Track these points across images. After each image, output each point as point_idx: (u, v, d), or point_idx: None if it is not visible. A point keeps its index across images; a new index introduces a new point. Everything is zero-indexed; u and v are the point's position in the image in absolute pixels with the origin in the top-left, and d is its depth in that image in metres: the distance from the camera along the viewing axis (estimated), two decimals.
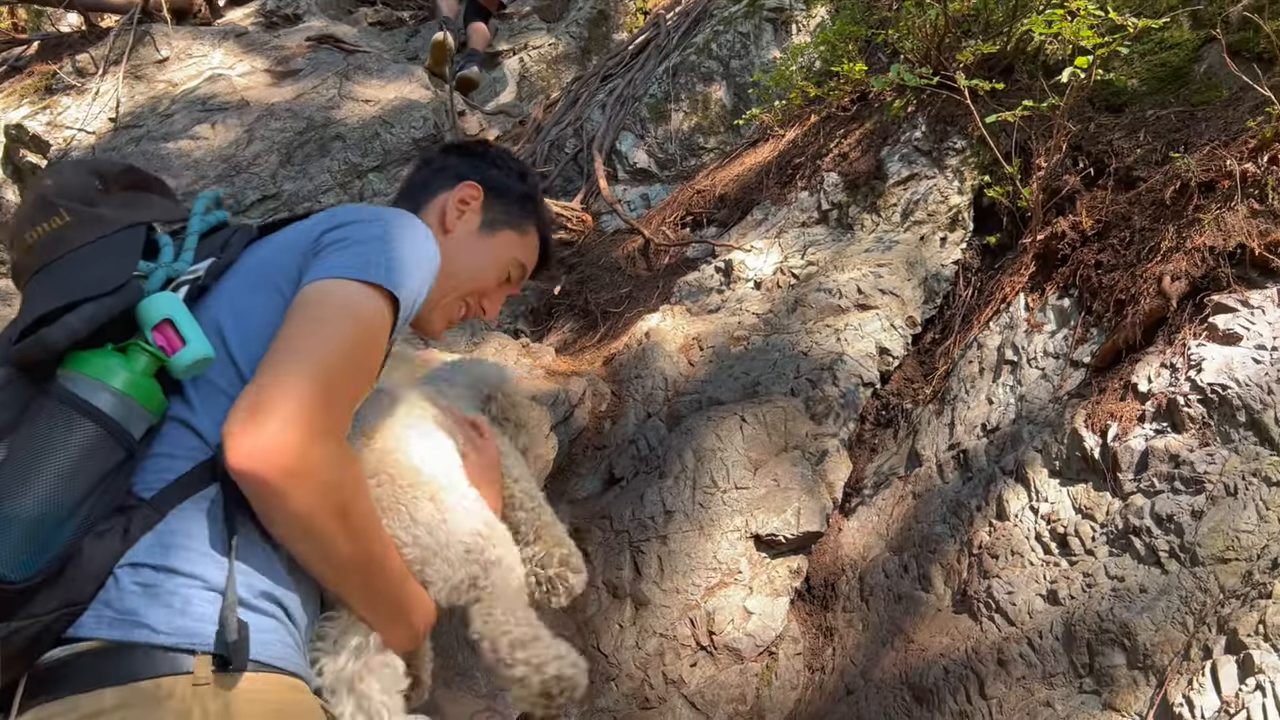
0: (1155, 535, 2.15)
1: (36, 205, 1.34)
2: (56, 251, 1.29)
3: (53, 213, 1.32)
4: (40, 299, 1.24)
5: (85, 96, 6.03)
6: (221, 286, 1.36)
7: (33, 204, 1.35)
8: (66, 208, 1.34)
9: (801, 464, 2.96)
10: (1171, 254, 2.61)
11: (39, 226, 1.31)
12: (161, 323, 1.25)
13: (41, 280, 1.28)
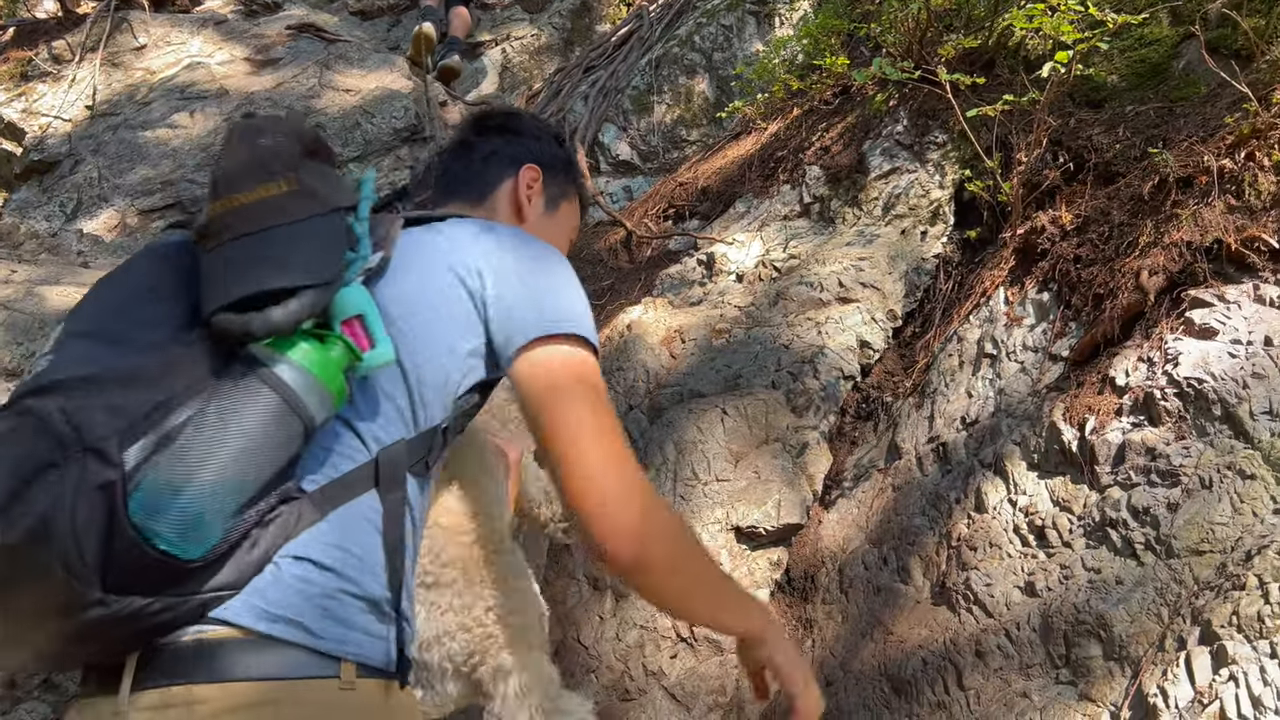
0: (1131, 527, 2.17)
1: (254, 165, 1.26)
2: (270, 221, 1.23)
3: (272, 178, 1.25)
4: (253, 271, 1.19)
5: (62, 83, 5.97)
6: (386, 282, 1.32)
7: (248, 162, 1.26)
8: (285, 177, 1.27)
9: (782, 456, 2.97)
10: (1149, 249, 2.63)
11: (255, 189, 1.24)
12: (353, 318, 1.23)
13: (251, 249, 1.21)
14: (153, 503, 1.07)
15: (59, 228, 5.08)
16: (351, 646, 1.21)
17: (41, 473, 1.05)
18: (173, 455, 1.09)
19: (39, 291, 2.86)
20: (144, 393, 1.11)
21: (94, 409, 1.08)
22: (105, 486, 1.05)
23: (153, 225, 5.15)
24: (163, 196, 5.26)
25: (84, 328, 1.22)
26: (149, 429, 1.09)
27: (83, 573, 1.05)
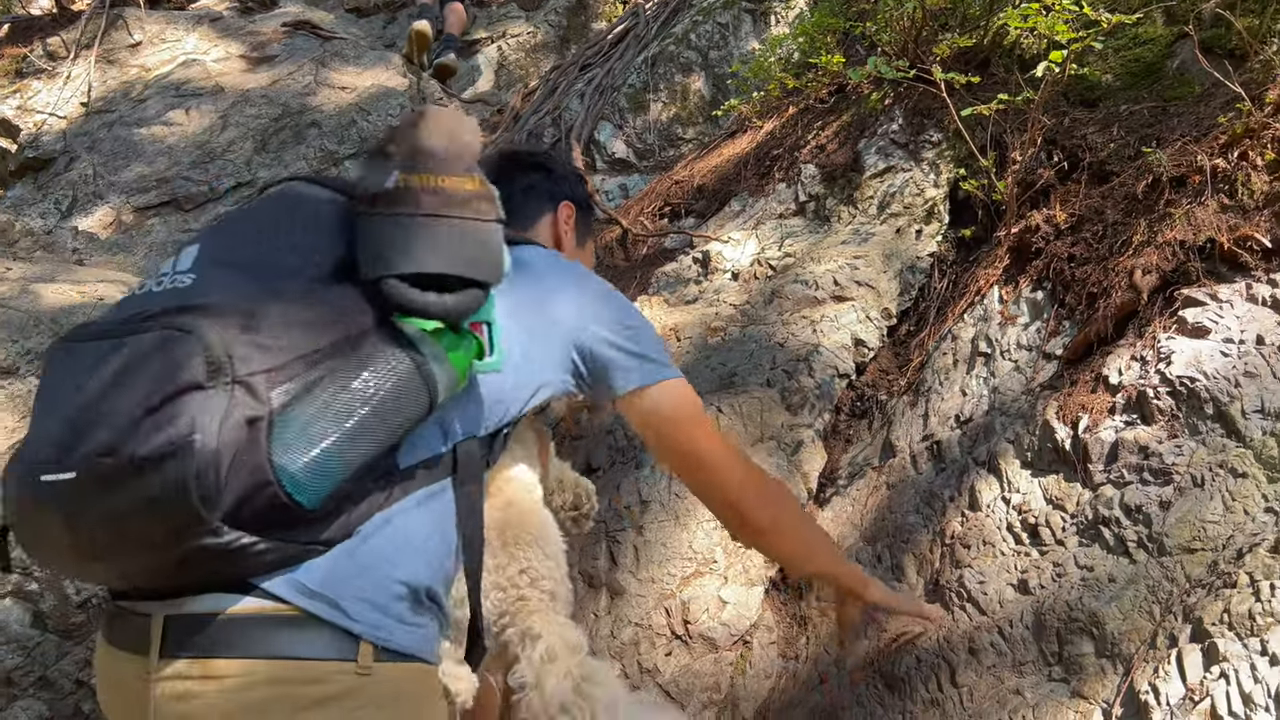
0: (1124, 525, 2.18)
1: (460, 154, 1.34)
2: (459, 212, 1.29)
3: (470, 172, 1.33)
4: (436, 253, 1.24)
5: (56, 80, 5.96)
6: (499, 294, 1.40)
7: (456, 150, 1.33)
8: (481, 176, 1.35)
9: (777, 454, 2.97)
10: (1143, 248, 2.64)
11: (458, 177, 1.30)
12: (482, 322, 1.33)
13: (437, 231, 1.26)
14: (293, 445, 1.10)
15: (54, 225, 5.08)
16: (382, 631, 1.24)
17: (186, 392, 1.06)
18: (316, 405, 1.13)
19: (34, 289, 2.86)
20: (296, 338, 1.14)
21: (249, 343, 1.10)
22: (253, 421, 1.08)
23: (148, 222, 5.14)
24: (158, 194, 5.25)
25: (226, 258, 1.25)
26: (296, 375, 1.13)
27: (212, 499, 1.06)
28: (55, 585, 2.24)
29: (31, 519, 1.13)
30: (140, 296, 1.24)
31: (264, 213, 1.36)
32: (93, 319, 1.24)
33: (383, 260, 1.23)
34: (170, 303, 1.16)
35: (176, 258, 1.27)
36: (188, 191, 5.27)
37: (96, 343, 1.13)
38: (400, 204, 1.26)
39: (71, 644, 2.24)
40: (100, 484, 1.05)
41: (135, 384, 1.06)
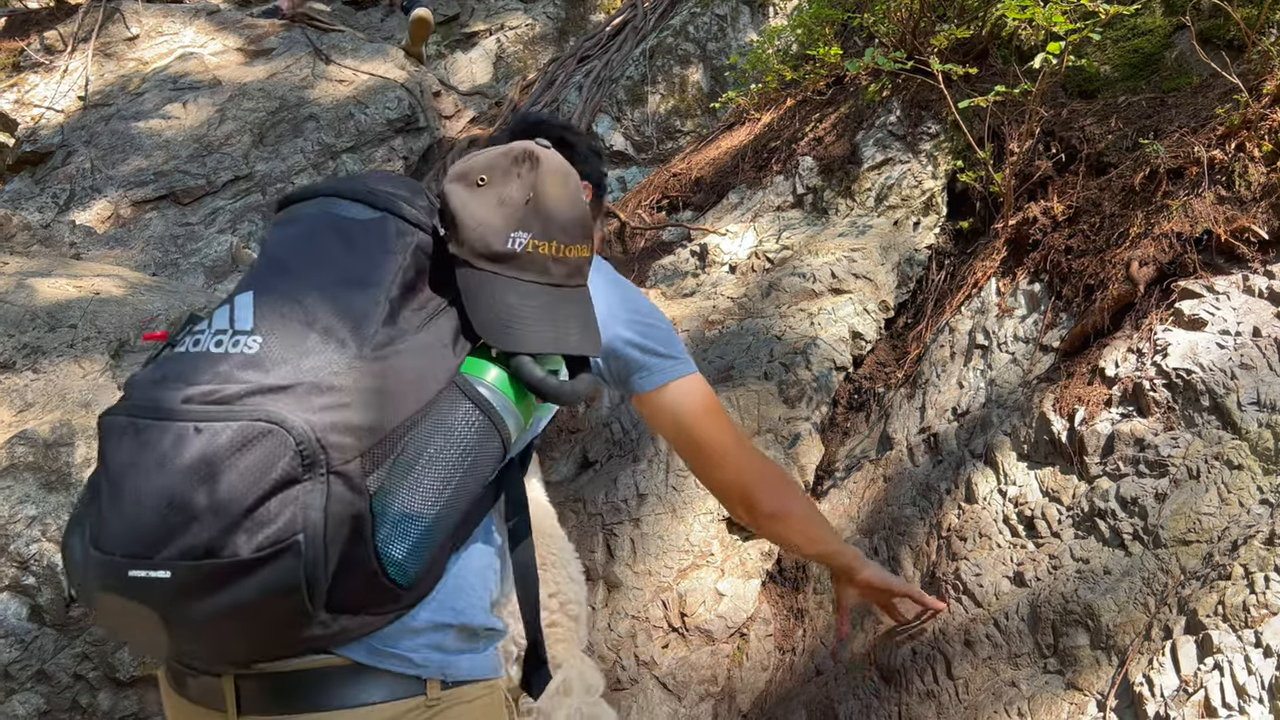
0: (1120, 518, 2.18)
1: (582, 222, 1.36)
2: (574, 280, 1.34)
3: (587, 240, 1.37)
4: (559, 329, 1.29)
5: (54, 74, 5.95)
6: None
7: (579, 219, 1.35)
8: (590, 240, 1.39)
9: (774, 447, 2.97)
10: (1140, 240, 2.64)
11: (577, 246, 1.34)
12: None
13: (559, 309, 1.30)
14: (396, 530, 1.10)
15: (51, 219, 5.07)
16: (449, 668, 1.27)
17: (283, 488, 1.04)
18: (409, 483, 1.12)
19: (31, 284, 2.86)
20: (381, 414, 1.12)
21: (337, 427, 1.08)
22: (358, 515, 1.08)
23: (145, 216, 5.14)
24: (155, 188, 5.25)
25: (287, 309, 1.17)
26: (386, 455, 1.12)
27: (319, 594, 1.06)
28: (52, 579, 2.24)
29: (119, 609, 1.09)
30: (197, 357, 1.15)
31: (315, 244, 1.28)
32: (146, 381, 1.16)
33: (516, 336, 1.23)
34: (241, 376, 1.10)
35: (232, 309, 1.19)
36: (185, 185, 5.27)
37: (165, 424, 1.08)
38: (527, 270, 1.27)
39: (68, 638, 2.24)
40: (202, 585, 1.04)
41: (227, 480, 1.03)
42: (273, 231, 1.34)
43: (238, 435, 1.04)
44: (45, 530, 2.27)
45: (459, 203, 1.27)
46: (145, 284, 3.15)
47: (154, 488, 1.04)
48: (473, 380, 1.21)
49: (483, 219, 1.26)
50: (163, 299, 2.98)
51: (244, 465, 1.03)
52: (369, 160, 5.61)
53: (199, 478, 1.03)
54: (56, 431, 2.39)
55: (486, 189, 1.28)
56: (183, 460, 1.04)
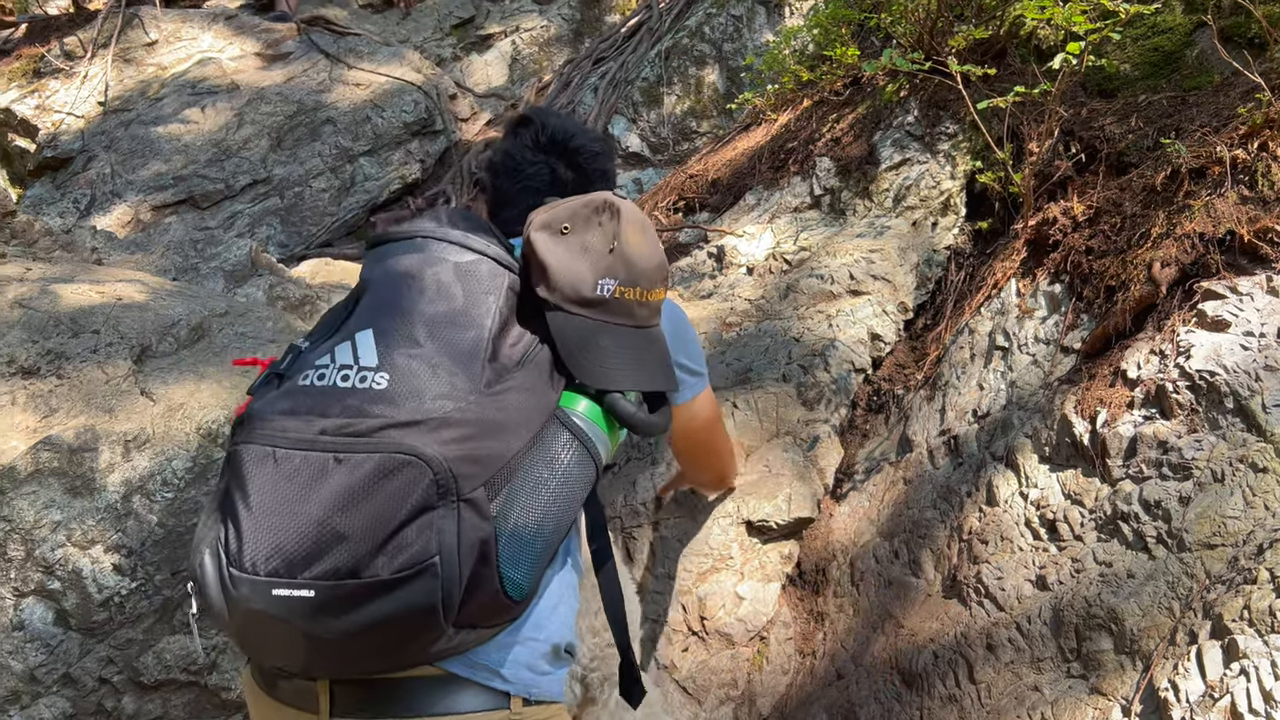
0: (1143, 521, 2.17)
1: (662, 266, 1.49)
2: (655, 321, 1.49)
3: (666, 282, 1.50)
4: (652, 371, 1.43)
5: (74, 80, 6.00)
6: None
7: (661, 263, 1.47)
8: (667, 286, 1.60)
9: (793, 450, 2.97)
10: (1162, 240, 2.62)
11: (658, 288, 1.47)
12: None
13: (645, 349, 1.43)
14: (515, 551, 1.21)
15: (73, 224, 5.12)
16: (533, 687, 1.35)
17: (420, 514, 1.14)
18: (523, 507, 1.23)
19: (54, 289, 2.88)
20: (500, 443, 1.23)
21: (466, 459, 1.19)
22: (485, 538, 1.18)
23: (165, 220, 5.18)
24: (174, 192, 5.28)
25: (409, 347, 1.27)
26: (504, 481, 1.23)
27: (452, 612, 1.16)
28: (77, 584, 2.26)
29: (260, 625, 1.18)
30: (326, 391, 1.24)
31: (420, 285, 1.35)
32: (276, 412, 1.25)
33: (610, 375, 1.35)
34: (374, 410, 1.19)
35: (353, 344, 1.28)
36: (204, 189, 5.30)
37: (305, 453, 1.17)
38: (617, 314, 1.38)
39: (94, 642, 2.26)
40: (342, 603, 1.12)
41: (368, 508, 1.12)
42: (374, 269, 1.42)
43: (380, 466, 1.15)
44: (70, 535, 2.29)
45: (545, 249, 1.36)
46: (166, 289, 3.17)
47: (300, 513, 1.14)
48: (569, 413, 1.33)
49: (571, 266, 1.36)
50: (184, 304, 3.00)
51: (385, 494, 1.13)
52: (386, 163, 5.63)
53: (342, 504, 1.13)
54: (81, 437, 2.41)
55: (570, 236, 1.37)
56: (327, 488, 1.14)
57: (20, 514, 2.30)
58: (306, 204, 5.41)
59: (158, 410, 2.54)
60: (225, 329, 2.95)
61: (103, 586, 2.28)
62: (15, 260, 3.23)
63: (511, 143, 1.71)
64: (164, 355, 2.79)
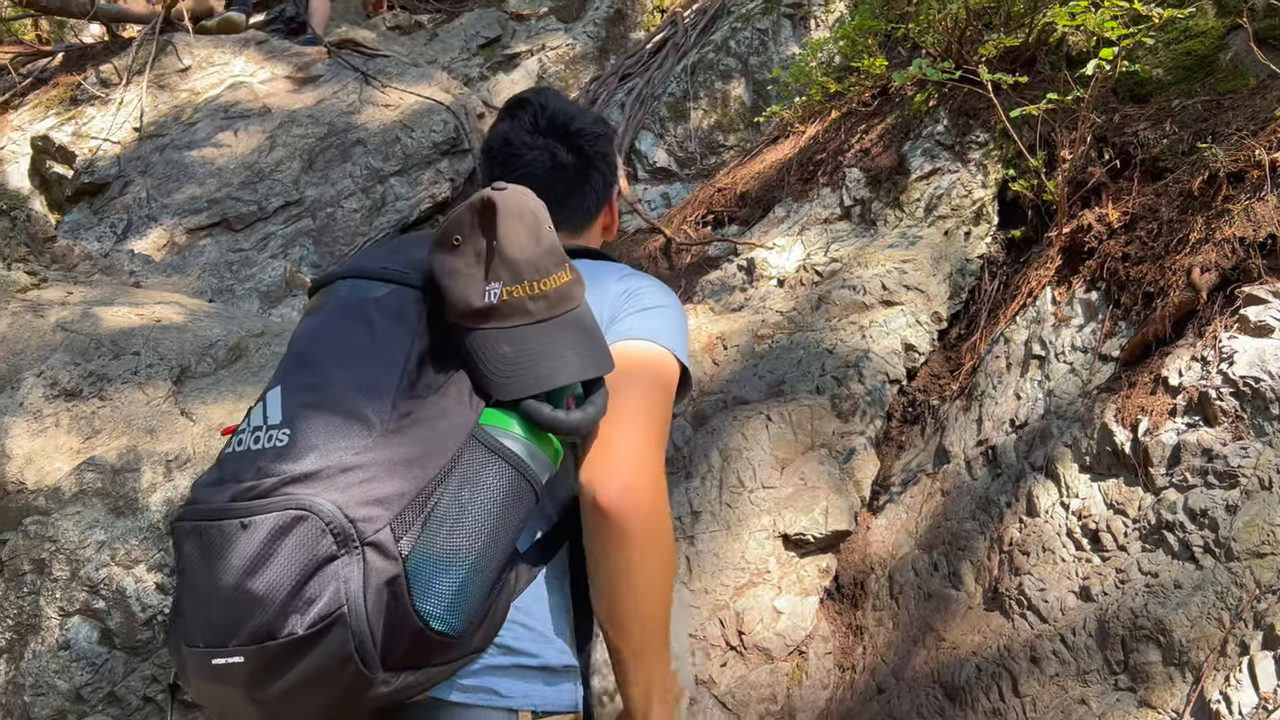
0: (1189, 530, 2.14)
1: (550, 252, 1.33)
2: (562, 308, 1.33)
3: (562, 265, 1.34)
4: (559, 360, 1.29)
5: (110, 106, 6.09)
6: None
7: (546, 250, 1.32)
8: (569, 264, 1.36)
9: (828, 462, 2.95)
10: (1200, 245, 2.59)
11: (552, 276, 1.32)
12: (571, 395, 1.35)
13: (551, 335, 1.31)
14: (428, 585, 1.16)
15: (110, 248, 5.19)
16: (535, 697, 1.32)
17: (322, 566, 1.12)
18: (440, 540, 1.18)
19: (95, 313, 2.93)
20: (406, 480, 1.18)
21: (365, 500, 1.15)
22: (392, 581, 1.14)
23: (200, 243, 5.24)
24: (209, 215, 5.35)
25: (311, 398, 1.24)
26: (415, 517, 1.18)
27: (372, 659, 1.14)
28: (121, 603, 2.29)
29: (215, 695, 1.21)
30: (242, 456, 1.23)
31: (335, 330, 1.33)
32: (206, 484, 1.26)
33: (517, 383, 1.26)
34: (276, 468, 1.17)
35: (264, 405, 1.26)
36: (238, 211, 5.37)
37: (220, 523, 1.17)
38: (511, 317, 1.29)
39: (139, 660, 2.28)
40: (269, 664, 1.12)
41: (273, 567, 1.12)
42: (300, 323, 1.40)
43: (274, 525, 1.13)
44: (114, 555, 2.32)
45: (440, 269, 1.31)
46: (204, 311, 3.22)
47: (217, 584, 1.14)
48: (493, 431, 1.26)
49: (459, 281, 1.29)
50: (221, 325, 3.04)
51: (284, 552, 1.12)
52: (416, 183, 5.68)
53: (250, 569, 1.12)
54: (123, 458, 2.44)
55: (464, 247, 1.30)
56: (236, 554, 1.13)
57: (65, 534, 2.33)
58: (338, 224, 5.46)
59: (197, 430, 2.57)
60: (262, 349, 2.98)
61: (146, 605, 2.30)
62: (56, 284, 3.29)
63: (509, 126, 1.62)
64: (203, 375, 2.82)
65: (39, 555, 2.34)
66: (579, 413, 1.30)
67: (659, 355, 1.44)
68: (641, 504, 1.32)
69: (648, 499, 1.33)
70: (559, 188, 1.60)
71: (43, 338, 2.80)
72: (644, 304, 1.49)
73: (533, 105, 1.62)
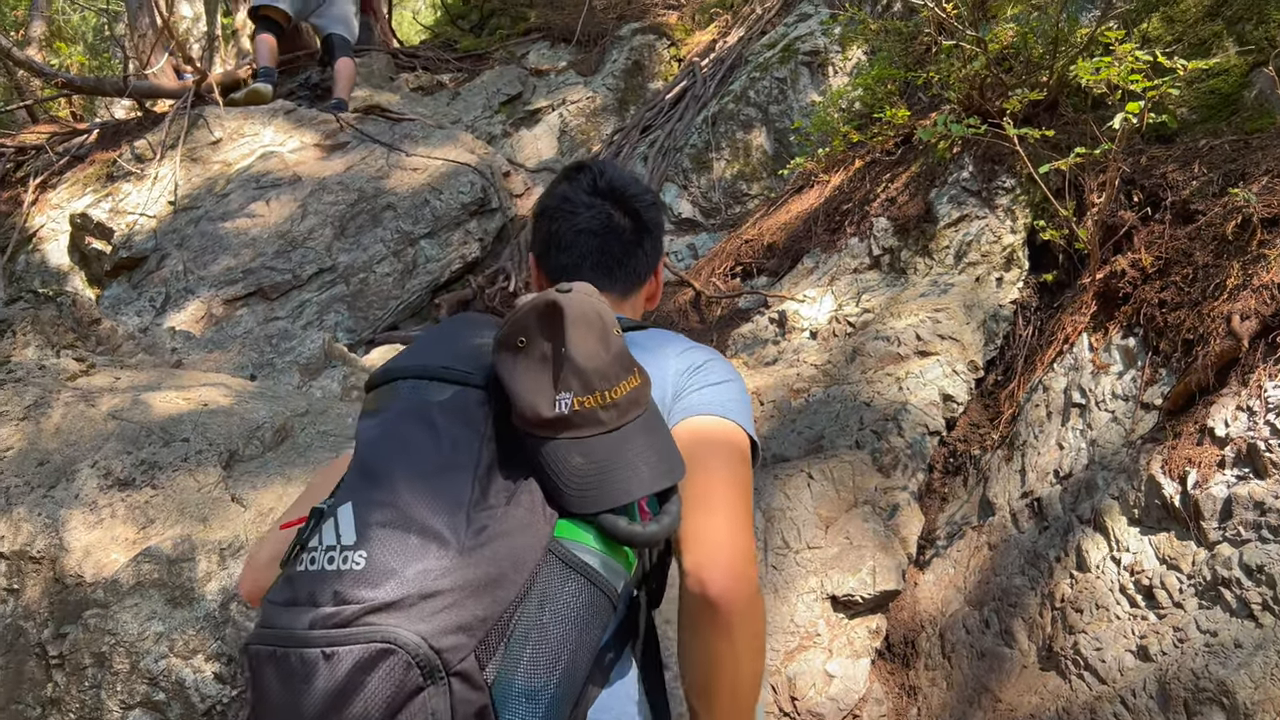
0: (1246, 587, 2.12)
1: (619, 359, 1.30)
2: (632, 414, 1.30)
3: (630, 371, 1.31)
4: (635, 472, 1.26)
5: (145, 181, 6.23)
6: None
7: (615, 358, 1.29)
8: (639, 368, 1.33)
9: (873, 519, 2.95)
10: (1238, 291, 2.58)
11: (622, 383, 1.29)
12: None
13: (625, 445, 1.28)
14: (516, 714, 1.14)
15: (149, 322, 5.29)
16: None
17: (410, 698, 1.11)
18: (522, 662, 1.16)
19: (144, 399, 2.99)
20: (487, 604, 1.16)
21: (450, 629, 1.14)
22: (480, 710, 1.13)
23: (237, 314, 5.33)
24: (244, 285, 5.45)
25: (386, 517, 1.21)
26: (498, 642, 1.16)
27: None
28: (180, 694, 2.31)
29: None
30: (316, 576, 1.21)
31: (400, 439, 1.30)
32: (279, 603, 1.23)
33: (592, 497, 1.23)
34: (355, 594, 1.15)
35: (336, 521, 1.24)
36: (273, 280, 5.46)
37: (301, 650, 1.15)
38: (582, 428, 1.26)
39: None
40: None
41: (359, 703, 1.10)
42: (360, 426, 1.38)
43: (360, 659, 1.11)
44: (172, 646, 2.35)
45: (506, 374, 1.28)
46: (248, 391, 3.27)
47: (302, 714, 1.12)
48: (569, 545, 1.24)
49: (527, 387, 1.26)
50: (266, 406, 3.09)
51: (370, 688, 1.10)
52: (446, 244, 5.76)
53: (333, 704, 1.10)
54: (179, 547, 2.48)
55: (529, 348, 1.28)
56: (317, 689, 1.11)
57: (124, 627, 2.37)
58: (371, 289, 5.54)
59: (249, 516, 2.61)
60: (307, 428, 3.03)
61: (205, 695, 2.32)
62: (104, 370, 3.36)
63: (567, 187, 1.65)
64: (251, 459, 2.87)
65: (99, 649, 2.37)
66: (655, 525, 1.26)
67: (734, 431, 1.42)
68: (748, 593, 1.30)
69: (752, 588, 1.32)
70: (614, 248, 1.63)
71: (95, 427, 2.86)
72: (711, 379, 1.47)
73: (591, 170, 1.66)
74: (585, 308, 1.29)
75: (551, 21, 8.30)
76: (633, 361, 1.32)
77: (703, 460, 1.36)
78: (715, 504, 1.33)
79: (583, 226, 1.61)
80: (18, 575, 2.53)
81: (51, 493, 2.68)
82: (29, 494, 2.68)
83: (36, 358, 3.27)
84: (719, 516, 1.33)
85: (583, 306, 1.29)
